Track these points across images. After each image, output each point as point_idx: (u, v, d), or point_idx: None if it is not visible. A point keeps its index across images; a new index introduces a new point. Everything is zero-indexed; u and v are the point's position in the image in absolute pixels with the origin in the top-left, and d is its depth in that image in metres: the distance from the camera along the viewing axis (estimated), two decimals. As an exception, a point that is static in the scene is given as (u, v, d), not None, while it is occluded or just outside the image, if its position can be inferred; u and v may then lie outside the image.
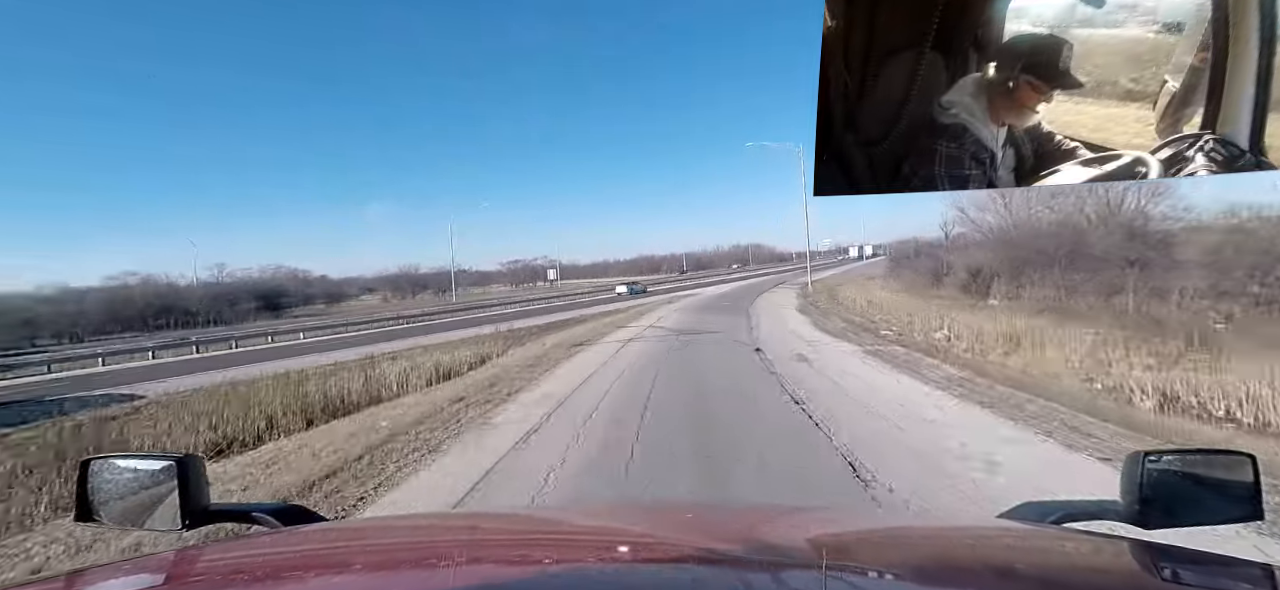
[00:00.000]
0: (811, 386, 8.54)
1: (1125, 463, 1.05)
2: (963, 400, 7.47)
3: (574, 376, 10.66)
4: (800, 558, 0.99)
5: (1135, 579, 0.86)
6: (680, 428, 6.62)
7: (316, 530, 1.22)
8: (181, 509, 1.11)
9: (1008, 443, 5.56)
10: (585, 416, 7.37)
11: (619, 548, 1.07)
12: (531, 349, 16.02)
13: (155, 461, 1.15)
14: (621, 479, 5.05)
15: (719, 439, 6.08)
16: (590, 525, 1.29)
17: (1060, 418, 6.37)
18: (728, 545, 1.03)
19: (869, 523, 1.43)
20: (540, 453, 5.94)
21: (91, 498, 1.15)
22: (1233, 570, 0.90)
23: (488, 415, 7.87)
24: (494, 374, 11.79)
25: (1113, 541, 0.95)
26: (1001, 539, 1.08)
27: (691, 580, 0.85)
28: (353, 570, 0.97)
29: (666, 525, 1.26)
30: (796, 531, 1.20)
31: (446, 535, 1.25)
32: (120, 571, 1.04)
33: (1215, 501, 1.03)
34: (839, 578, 0.85)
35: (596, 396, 8.62)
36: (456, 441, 6.58)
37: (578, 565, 1.00)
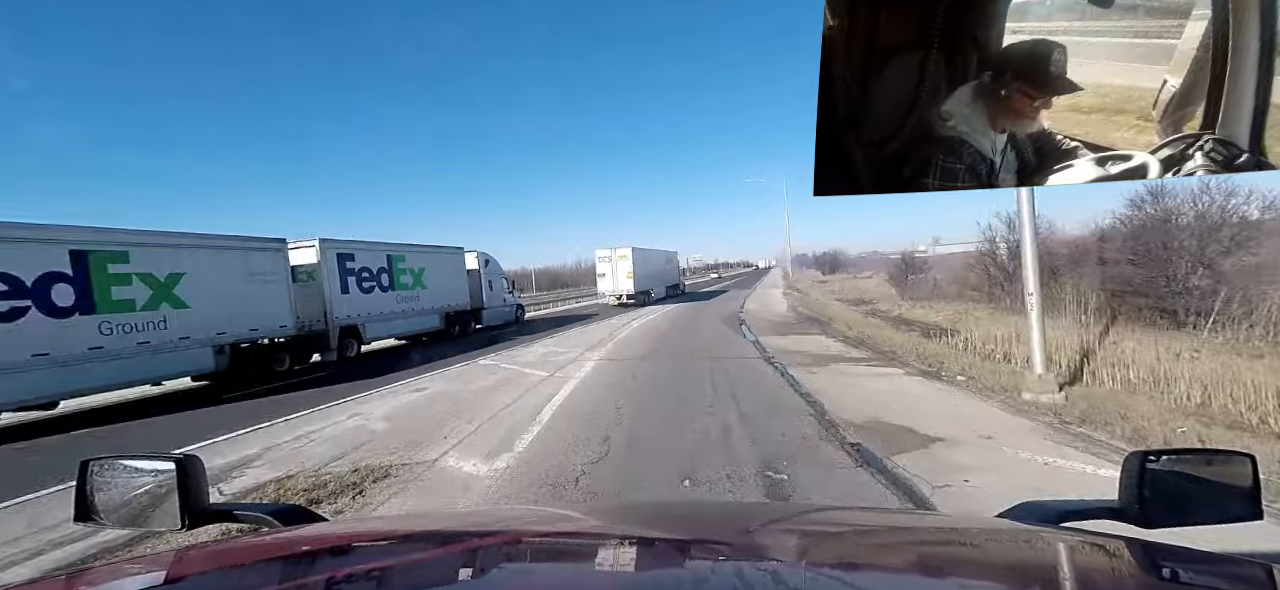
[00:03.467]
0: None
1: (1125, 462, 1.05)
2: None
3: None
4: (800, 557, 0.99)
5: (1135, 578, 0.86)
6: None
7: (316, 530, 1.21)
8: (181, 509, 1.11)
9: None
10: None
11: (620, 547, 1.07)
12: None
13: (155, 462, 1.15)
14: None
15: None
16: (591, 525, 1.29)
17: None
18: (728, 545, 1.03)
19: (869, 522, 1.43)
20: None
21: (91, 498, 1.15)
22: (1232, 569, 0.90)
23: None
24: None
25: (1112, 541, 0.95)
26: (1001, 538, 1.08)
27: (693, 580, 0.85)
28: (352, 570, 0.97)
29: (667, 525, 1.26)
30: (797, 530, 1.20)
31: (446, 535, 1.25)
32: (120, 571, 1.04)
33: (1215, 501, 1.03)
34: (840, 576, 0.86)
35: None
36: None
37: (579, 565, 1.00)
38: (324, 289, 14.93)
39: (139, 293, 10.63)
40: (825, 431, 6.06)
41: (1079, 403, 6.92)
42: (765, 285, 46.63)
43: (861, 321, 17.93)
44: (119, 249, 10.43)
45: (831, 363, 10.56)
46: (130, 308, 10.48)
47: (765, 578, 0.83)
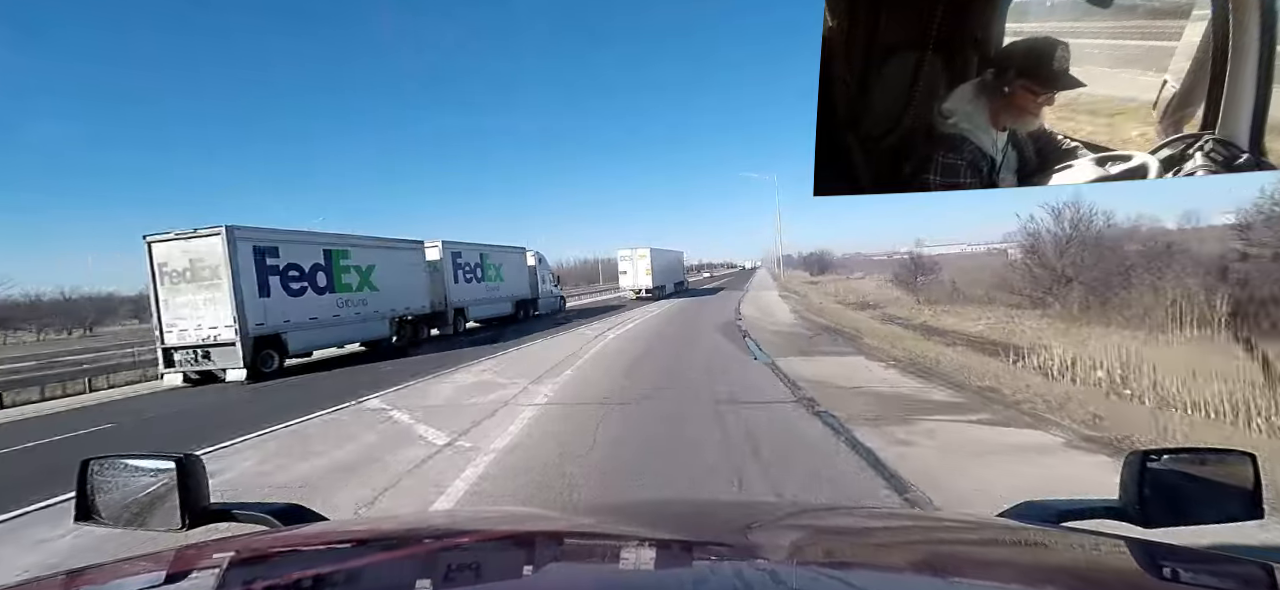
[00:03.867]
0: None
1: (1126, 462, 1.05)
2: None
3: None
4: (801, 555, 0.99)
5: (1136, 578, 0.86)
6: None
7: (316, 530, 1.21)
8: (181, 509, 1.11)
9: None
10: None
11: (621, 547, 1.07)
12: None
13: (155, 461, 1.15)
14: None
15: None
16: (590, 525, 1.29)
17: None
18: (728, 544, 1.03)
19: (869, 521, 1.43)
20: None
21: (91, 498, 1.15)
22: (1233, 569, 0.90)
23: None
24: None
25: (1113, 540, 0.95)
26: (1002, 537, 1.08)
27: (693, 580, 0.85)
28: (353, 569, 0.97)
29: (666, 524, 1.26)
30: (797, 529, 1.20)
31: (446, 534, 1.25)
32: (120, 571, 1.04)
33: (1215, 500, 1.02)
34: (840, 576, 0.86)
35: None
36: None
37: (583, 565, 1.00)
38: (444, 279, 19.86)
39: (354, 279, 15.56)
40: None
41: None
42: (757, 286, 44.61)
43: (893, 334, 14.06)
44: (345, 248, 15.43)
45: (915, 416, 6.17)
46: (350, 289, 15.38)
47: (765, 577, 0.83)
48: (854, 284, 42.90)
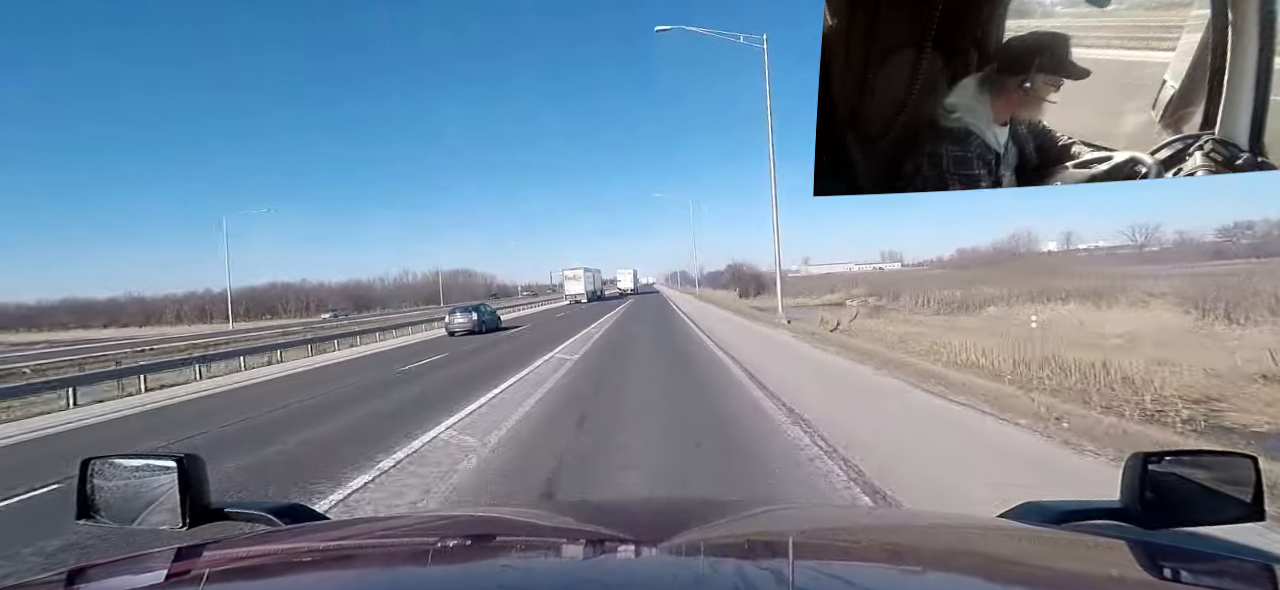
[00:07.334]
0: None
1: (1127, 463, 1.05)
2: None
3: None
4: (800, 555, 0.99)
5: (1136, 579, 0.86)
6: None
7: (317, 529, 1.22)
8: (182, 508, 1.11)
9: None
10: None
11: (618, 546, 1.07)
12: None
13: (156, 460, 1.15)
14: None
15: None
16: (589, 525, 1.29)
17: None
18: (726, 543, 1.03)
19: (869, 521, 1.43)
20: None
21: (92, 497, 1.15)
22: (1233, 569, 0.90)
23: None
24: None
25: (1114, 541, 0.95)
26: (1002, 538, 1.08)
27: (694, 579, 0.86)
28: (353, 569, 0.97)
29: (666, 523, 1.26)
30: (797, 529, 1.20)
31: (444, 534, 1.25)
32: (120, 571, 1.04)
33: (1216, 502, 1.02)
34: (840, 575, 0.86)
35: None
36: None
37: (578, 563, 1.00)
38: (590, 281, 61.72)
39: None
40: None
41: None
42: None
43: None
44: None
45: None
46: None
47: (766, 577, 0.83)
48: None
